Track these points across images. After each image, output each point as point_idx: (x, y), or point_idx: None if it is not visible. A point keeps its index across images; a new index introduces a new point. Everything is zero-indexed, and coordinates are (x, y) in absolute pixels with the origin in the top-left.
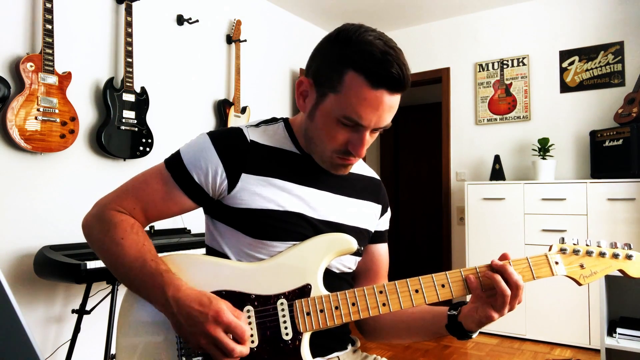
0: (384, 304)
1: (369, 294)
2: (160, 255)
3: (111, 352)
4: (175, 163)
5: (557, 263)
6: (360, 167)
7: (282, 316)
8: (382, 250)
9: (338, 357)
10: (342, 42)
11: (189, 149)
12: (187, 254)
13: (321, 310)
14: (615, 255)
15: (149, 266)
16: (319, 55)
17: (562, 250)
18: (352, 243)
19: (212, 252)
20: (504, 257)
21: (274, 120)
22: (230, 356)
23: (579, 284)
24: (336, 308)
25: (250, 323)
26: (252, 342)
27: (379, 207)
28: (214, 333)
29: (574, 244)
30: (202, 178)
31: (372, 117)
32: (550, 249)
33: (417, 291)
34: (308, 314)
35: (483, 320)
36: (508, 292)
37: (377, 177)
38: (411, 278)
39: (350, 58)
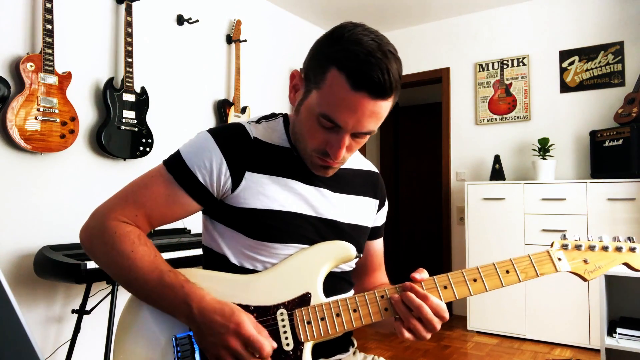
0: (386, 309)
1: (370, 300)
2: None
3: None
4: (176, 164)
5: (559, 259)
6: (358, 161)
7: (282, 326)
8: (377, 245)
9: (340, 359)
10: (333, 39)
11: (190, 148)
12: (186, 270)
13: (322, 319)
14: (619, 249)
15: (167, 278)
16: (312, 50)
17: (564, 247)
18: (351, 251)
19: (210, 253)
20: (414, 279)
21: (273, 115)
22: None
23: (585, 280)
24: (337, 315)
25: None
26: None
27: (376, 201)
28: (233, 345)
29: (576, 240)
30: (207, 178)
31: (349, 120)
32: (552, 246)
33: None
34: (309, 322)
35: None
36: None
37: (375, 169)
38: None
39: (335, 56)
